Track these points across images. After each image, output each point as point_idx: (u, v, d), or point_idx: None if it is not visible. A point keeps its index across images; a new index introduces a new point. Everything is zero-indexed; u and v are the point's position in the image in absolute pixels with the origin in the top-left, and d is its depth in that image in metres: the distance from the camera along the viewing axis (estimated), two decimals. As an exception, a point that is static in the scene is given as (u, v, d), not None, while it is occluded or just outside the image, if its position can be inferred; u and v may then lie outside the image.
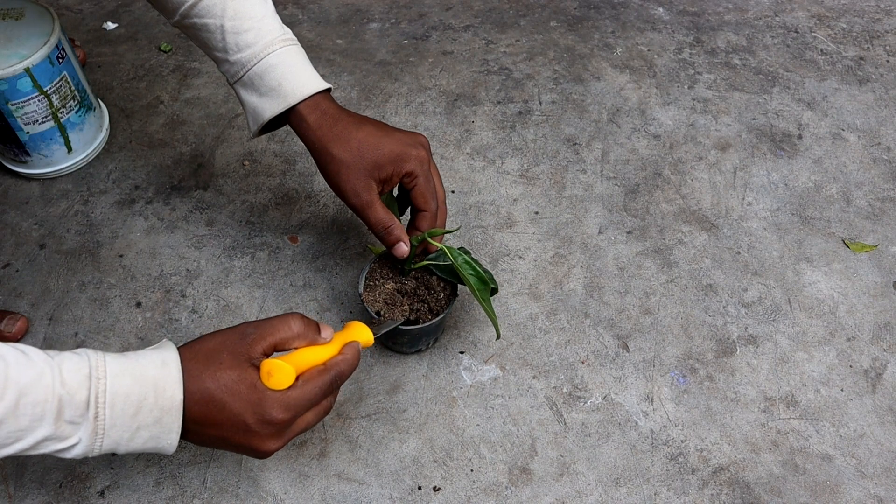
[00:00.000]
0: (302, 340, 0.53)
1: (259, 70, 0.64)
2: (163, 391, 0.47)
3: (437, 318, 0.68)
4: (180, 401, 0.48)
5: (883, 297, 0.82)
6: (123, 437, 0.47)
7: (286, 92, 0.64)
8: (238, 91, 0.67)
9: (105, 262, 0.82)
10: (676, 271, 0.83)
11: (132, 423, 0.47)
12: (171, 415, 0.48)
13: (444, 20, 1.17)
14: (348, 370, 0.54)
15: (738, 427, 0.71)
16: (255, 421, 0.49)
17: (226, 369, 0.49)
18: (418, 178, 0.66)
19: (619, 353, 0.76)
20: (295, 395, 0.50)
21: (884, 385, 0.74)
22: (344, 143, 0.64)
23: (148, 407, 0.47)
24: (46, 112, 0.84)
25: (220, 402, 0.49)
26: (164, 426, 0.48)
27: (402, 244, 0.67)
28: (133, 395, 0.47)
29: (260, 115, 0.65)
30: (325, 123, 0.65)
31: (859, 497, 0.67)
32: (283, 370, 0.50)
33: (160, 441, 0.49)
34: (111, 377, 0.47)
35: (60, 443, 0.46)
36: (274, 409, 0.49)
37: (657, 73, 1.09)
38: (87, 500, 0.65)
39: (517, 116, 1.01)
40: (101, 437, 0.47)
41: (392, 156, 0.64)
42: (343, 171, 0.64)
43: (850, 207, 0.91)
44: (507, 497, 0.66)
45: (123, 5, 1.19)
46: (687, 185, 0.93)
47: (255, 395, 0.49)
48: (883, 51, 1.15)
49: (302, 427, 0.53)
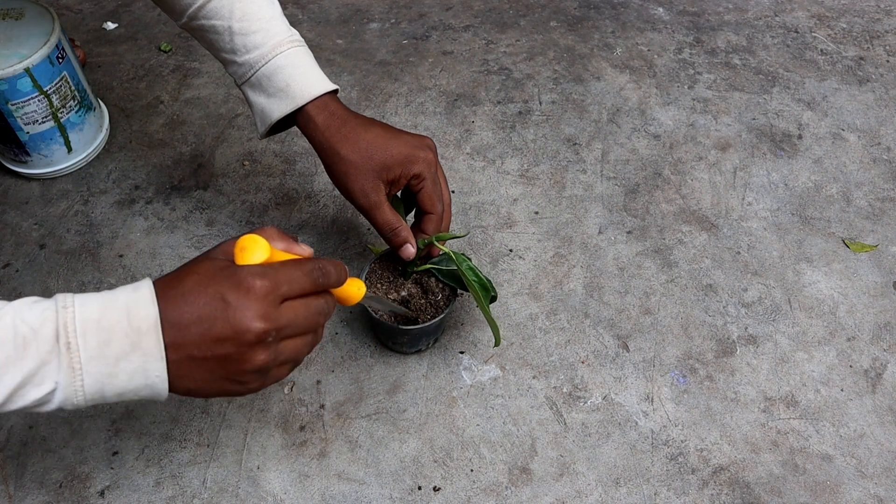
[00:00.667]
0: (279, 243, 0.50)
1: (267, 71, 0.64)
2: (136, 312, 0.44)
3: (437, 318, 0.68)
4: (156, 317, 0.44)
5: (883, 297, 0.82)
6: (104, 371, 0.44)
7: (294, 93, 0.64)
8: (246, 92, 0.67)
9: (105, 262, 0.83)
10: (676, 271, 0.83)
11: (109, 353, 0.43)
12: (149, 335, 0.44)
13: (444, 20, 1.17)
14: (334, 272, 0.50)
15: (738, 427, 0.71)
16: (232, 292, 0.44)
17: (197, 263, 0.46)
18: (425, 180, 0.66)
19: (619, 353, 0.76)
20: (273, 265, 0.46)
21: (884, 385, 0.74)
22: (352, 144, 0.64)
23: (122, 331, 0.44)
24: (46, 112, 0.84)
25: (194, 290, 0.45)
26: (144, 351, 0.44)
27: (409, 246, 0.67)
28: (105, 320, 0.44)
29: (268, 116, 0.65)
30: (333, 124, 0.65)
31: (859, 497, 0.67)
32: (256, 241, 0.47)
33: (147, 373, 0.44)
34: (79, 305, 0.44)
35: (36, 388, 0.43)
36: (250, 275, 0.45)
37: (657, 73, 1.09)
38: (87, 500, 0.65)
39: (517, 116, 1.01)
40: (80, 375, 0.43)
41: (400, 157, 0.64)
42: (351, 172, 0.64)
43: (850, 207, 0.91)
44: (507, 497, 0.66)
45: (123, 5, 1.19)
46: (687, 185, 0.93)
47: (228, 270, 0.45)
48: (883, 51, 1.15)
49: (291, 316, 0.47)
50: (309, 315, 0.48)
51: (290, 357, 0.49)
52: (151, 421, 0.70)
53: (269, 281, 0.45)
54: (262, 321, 0.45)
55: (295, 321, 0.47)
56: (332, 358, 0.75)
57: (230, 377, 0.47)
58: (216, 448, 0.68)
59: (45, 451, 0.68)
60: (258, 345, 0.45)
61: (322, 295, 0.50)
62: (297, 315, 0.47)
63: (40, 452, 0.68)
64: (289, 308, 0.46)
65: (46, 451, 0.68)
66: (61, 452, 0.68)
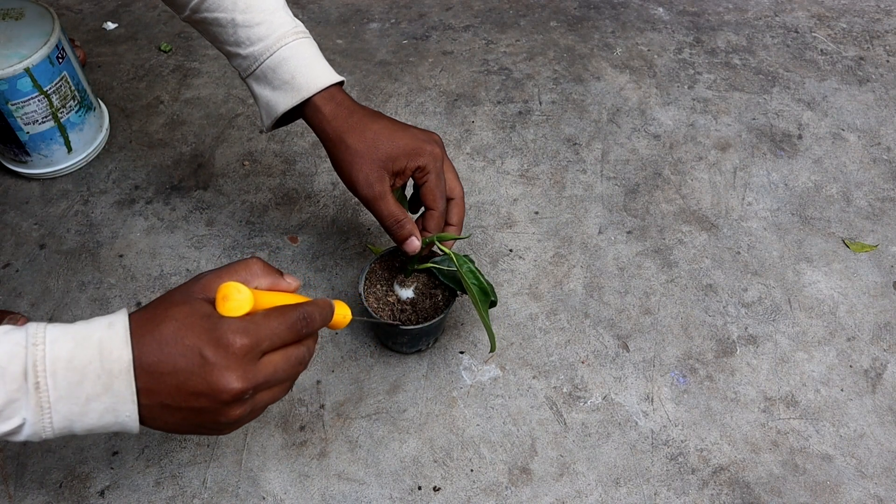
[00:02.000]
0: (263, 280, 0.48)
1: (272, 63, 0.63)
2: (109, 353, 0.42)
3: (437, 318, 0.68)
4: (129, 361, 0.42)
5: (883, 297, 0.82)
6: (74, 410, 0.42)
7: (300, 85, 0.63)
8: (251, 85, 0.66)
9: (105, 262, 0.82)
10: (676, 271, 0.83)
11: (79, 394, 0.42)
12: (121, 379, 0.42)
13: (444, 20, 1.17)
14: (319, 317, 0.48)
15: (738, 427, 0.71)
16: (210, 349, 0.42)
17: (176, 306, 0.44)
18: (430, 174, 0.65)
19: (619, 353, 0.76)
20: (255, 320, 0.44)
21: (884, 385, 0.74)
22: (359, 134, 0.63)
23: (94, 372, 0.42)
24: (46, 112, 0.84)
25: (171, 340, 0.43)
26: (115, 394, 0.43)
27: (413, 239, 0.65)
28: (76, 360, 0.42)
29: (273, 109, 0.65)
30: (340, 114, 0.64)
31: (859, 497, 0.67)
32: (239, 291, 0.44)
33: (118, 414, 0.43)
34: (50, 343, 0.42)
35: (4, 423, 0.41)
36: (230, 331, 0.43)
37: (657, 73, 1.09)
38: (87, 500, 0.65)
39: (517, 116, 1.01)
40: (49, 413, 0.42)
41: (407, 149, 0.64)
42: (357, 161, 0.63)
43: (850, 207, 0.91)
44: (507, 497, 0.66)
45: (123, 5, 1.19)
46: (687, 185, 0.93)
47: (209, 322, 0.43)
48: (883, 51, 1.15)
49: (269, 371, 0.45)
50: (288, 367, 0.47)
51: (266, 404, 0.48)
52: (151, 421, 0.70)
53: (249, 339, 0.43)
54: (241, 381, 0.43)
55: (274, 375, 0.46)
56: (332, 358, 0.75)
57: (204, 424, 0.46)
58: (216, 448, 0.68)
59: (45, 451, 0.68)
60: (234, 402, 0.44)
61: (304, 341, 0.48)
62: (277, 370, 0.46)
63: (40, 452, 0.68)
64: (268, 363, 0.45)
65: (46, 451, 0.68)
66: (61, 452, 0.68)
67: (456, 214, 0.68)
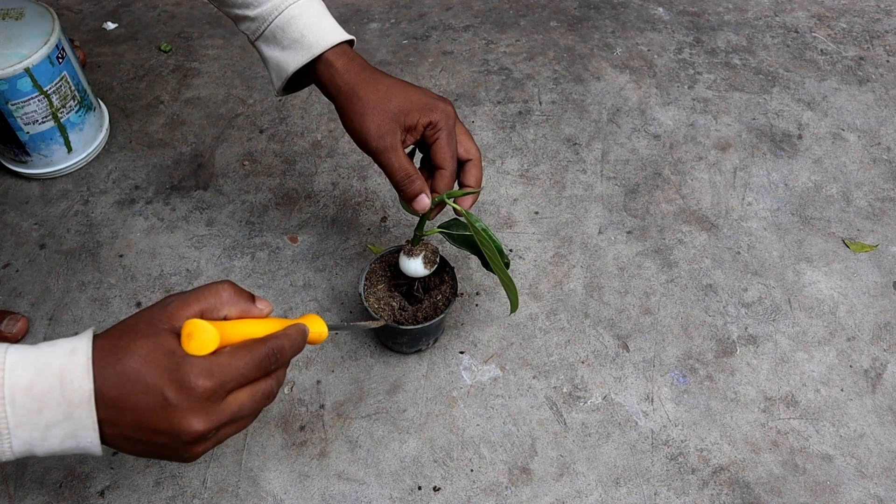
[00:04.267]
0: (233, 308, 0.47)
1: (281, 23, 0.63)
2: (69, 382, 0.41)
3: (437, 318, 0.68)
4: (90, 392, 0.42)
5: (883, 297, 0.82)
6: (34, 436, 0.42)
7: (310, 42, 0.63)
8: (260, 48, 0.65)
9: (105, 262, 0.82)
10: (676, 271, 0.83)
11: (39, 421, 0.41)
12: (82, 409, 0.42)
13: (444, 20, 1.17)
14: (290, 349, 0.47)
15: (738, 427, 0.71)
16: (173, 391, 0.42)
17: (141, 338, 0.43)
18: (441, 131, 0.62)
19: (619, 353, 0.76)
20: (220, 360, 0.43)
21: (884, 385, 0.74)
22: (372, 87, 0.63)
23: (54, 401, 0.41)
24: (46, 112, 0.84)
25: (133, 377, 0.42)
26: (76, 422, 0.42)
27: (423, 197, 0.62)
28: (35, 388, 0.41)
29: (284, 69, 0.64)
30: (353, 69, 0.63)
31: (859, 497, 0.67)
32: (204, 330, 0.43)
33: (79, 440, 0.43)
34: (9, 370, 0.41)
35: None
36: (193, 373, 0.42)
37: (657, 73, 1.09)
38: (87, 500, 0.65)
39: (517, 116, 1.01)
40: (8, 438, 0.41)
41: (419, 104, 0.62)
42: (368, 112, 0.62)
43: (850, 207, 0.91)
44: (507, 497, 0.66)
45: (123, 5, 1.19)
46: (687, 185, 0.93)
47: (172, 360, 0.42)
48: (883, 51, 1.15)
49: (234, 409, 0.44)
50: (254, 404, 0.46)
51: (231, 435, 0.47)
52: (151, 421, 0.70)
53: (213, 381, 0.42)
54: (203, 423, 0.43)
55: (239, 413, 0.45)
56: (332, 358, 0.75)
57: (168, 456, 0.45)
58: (216, 448, 0.68)
59: (45, 451, 0.68)
60: (196, 442, 0.44)
61: (272, 374, 0.47)
62: (243, 407, 0.45)
63: (40, 452, 0.68)
64: (234, 401, 0.45)
65: (46, 451, 0.68)
66: (61, 452, 0.68)
67: (473, 176, 0.65)
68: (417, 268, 0.67)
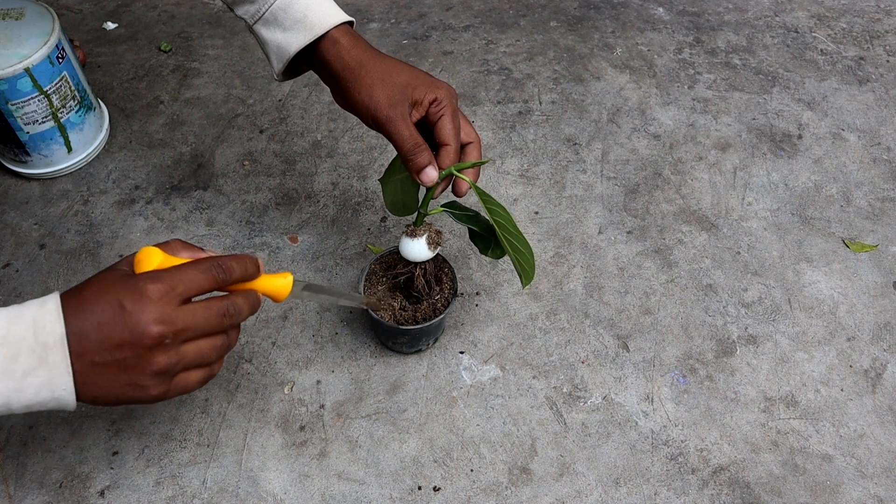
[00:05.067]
0: (185, 253, 0.52)
1: (283, 4, 0.63)
2: (42, 327, 0.45)
3: (437, 318, 0.68)
4: (62, 334, 0.45)
5: (883, 297, 0.82)
6: (10, 386, 0.44)
7: (313, 22, 0.63)
8: (259, 32, 0.66)
9: (105, 262, 0.82)
10: (676, 271, 0.83)
11: (15, 368, 0.44)
12: (56, 351, 0.45)
13: (444, 20, 1.17)
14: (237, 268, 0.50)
15: (738, 427, 0.71)
16: (128, 299, 0.45)
17: (100, 274, 0.48)
18: (445, 107, 0.62)
19: (619, 353, 0.76)
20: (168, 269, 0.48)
21: (884, 385, 0.74)
22: (380, 61, 0.63)
23: (28, 346, 0.44)
24: (46, 112, 0.84)
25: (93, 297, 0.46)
26: (51, 366, 0.45)
27: (430, 169, 0.61)
28: (11, 336, 0.44)
29: (285, 50, 0.64)
30: (359, 44, 0.64)
31: (859, 497, 0.67)
32: (149, 253, 0.49)
33: (55, 388, 0.45)
34: None
35: None
36: (143, 280, 0.46)
37: (657, 73, 1.09)
38: (87, 500, 0.65)
39: (517, 116, 1.01)
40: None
41: (425, 80, 0.63)
42: (378, 83, 0.62)
43: (850, 207, 0.91)
44: (507, 497, 0.66)
45: (123, 5, 1.19)
46: (687, 185, 0.93)
47: (127, 278, 0.47)
48: (883, 51, 1.15)
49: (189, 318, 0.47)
50: (210, 316, 0.48)
51: (194, 360, 0.49)
52: (151, 421, 0.70)
53: (163, 284, 0.46)
54: (158, 324, 0.46)
55: (195, 323, 0.48)
56: (332, 358, 0.75)
57: (132, 382, 0.47)
58: (216, 448, 0.68)
59: (45, 451, 0.68)
60: (157, 347, 0.46)
61: (229, 296, 0.50)
62: (197, 317, 0.48)
63: (40, 452, 0.68)
64: (188, 310, 0.47)
65: (46, 451, 0.68)
66: (61, 452, 0.68)
67: (473, 158, 0.66)
68: (421, 249, 0.66)
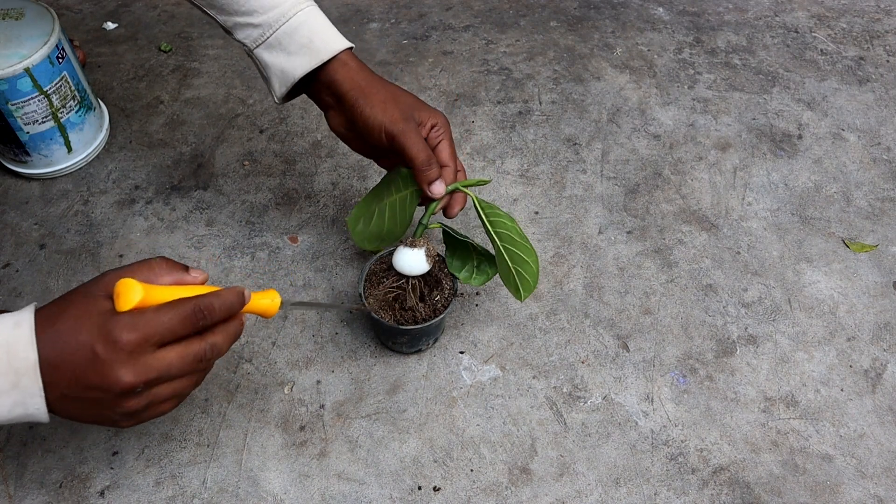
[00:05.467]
0: (167, 277, 0.50)
1: (288, 29, 0.64)
2: (15, 353, 0.45)
3: (437, 318, 0.68)
4: (35, 361, 0.45)
5: (883, 297, 0.82)
6: None
7: (318, 48, 0.65)
8: (261, 56, 0.66)
9: (105, 262, 0.82)
10: (676, 271, 0.83)
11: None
12: (28, 376, 0.45)
13: (444, 20, 1.17)
14: (220, 308, 0.49)
15: (738, 427, 0.71)
16: (101, 346, 0.45)
17: (76, 304, 0.47)
18: (445, 132, 0.67)
19: (619, 353, 0.76)
20: (145, 314, 0.46)
21: (884, 385, 0.74)
22: (385, 84, 0.67)
23: (1, 370, 0.45)
24: (46, 112, 0.84)
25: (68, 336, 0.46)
26: (24, 390, 0.46)
27: (440, 182, 0.65)
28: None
29: (290, 74, 0.65)
30: (365, 69, 0.67)
31: (859, 497, 0.67)
32: (130, 286, 0.46)
33: (27, 407, 0.46)
34: None
35: None
36: (118, 327, 0.45)
37: (657, 73, 1.09)
38: (87, 500, 0.65)
39: (517, 116, 1.01)
40: None
41: (426, 106, 0.67)
42: (390, 100, 0.65)
43: (850, 207, 0.91)
44: (507, 497, 0.66)
45: (123, 5, 1.19)
46: (687, 185, 0.93)
47: (102, 318, 0.46)
48: (883, 51, 1.15)
49: (163, 366, 0.47)
50: (185, 364, 0.48)
51: (167, 397, 0.50)
52: (151, 421, 0.70)
53: (137, 333, 0.45)
54: (129, 376, 0.46)
55: (168, 372, 0.48)
56: (332, 358, 0.75)
57: (104, 415, 0.49)
58: (216, 448, 0.68)
59: (45, 451, 0.68)
60: (127, 395, 0.47)
61: (205, 336, 0.49)
62: (171, 365, 0.47)
63: (40, 452, 0.68)
64: (163, 358, 0.47)
65: (46, 451, 0.68)
66: (61, 452, 0.68)
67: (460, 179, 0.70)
68: (419, 261, 0.66)
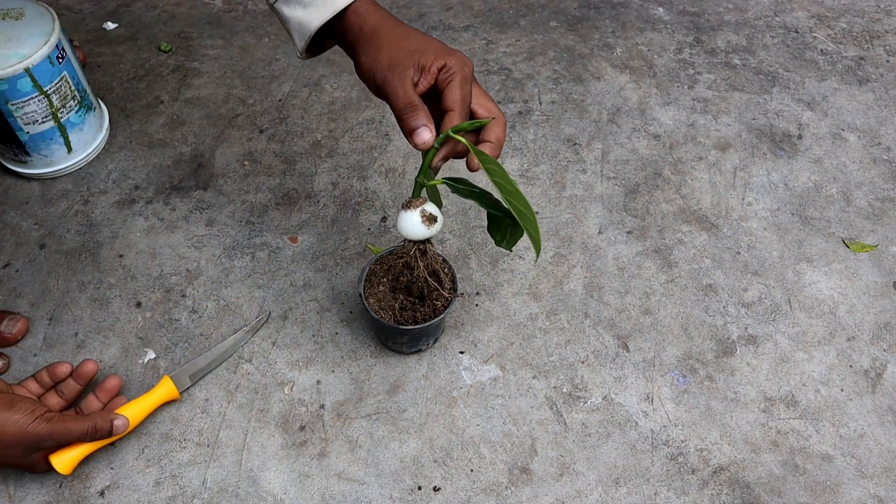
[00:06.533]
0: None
1: None
2: None
3: (436, 318, 0.68)
4: None
5: (883, 297, 0.82)
6: None
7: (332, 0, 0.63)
8: (281, 10, 0.66)
9: (105, 262, 0.82)
10: (676, 271, 0.83)
11: None
12: None
13: (444, 20, 1.17)
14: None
15: (738, 427, 0.71)
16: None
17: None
18: (455, 74, 0.59)
19: (619, 353, 0.76)
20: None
21: (884, 385, 0.74)
22: (394, 28, 0.63)
23: None
24: (46, 112, 0.84)
25: None
26: None
27: (425, 130, 0.58)
28: None
29: (307, 27, 0.65)
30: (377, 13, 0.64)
31: (859, 497, 0.67)
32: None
33: None
34: None
35: None
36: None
37: (657, 73, 1.09)
38: (87, 500, 0.65)
39: (517, 116, 1.01)
40: None
41: (437, 48, 0.60)
42: (385, 47, 0.62)
43: (850, 207, 0.91)
44: (507, 497, 0.66)
45: (123, 5, 1.19)
46: (687, 185, 0.93)
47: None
48: (883, 51, 1.15)
49: None
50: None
51: None
52: (151, 421, 0.70)
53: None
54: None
55: None
56: (332, 358, 0.75)
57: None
58: (216, 448, 0.68)
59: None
60: None
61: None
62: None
63: (40, 452, 0.68)
64: None
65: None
66: (61, 452, 0.68)
67: (494, 133, 0.60)
68: (414, 223, 0.61)
